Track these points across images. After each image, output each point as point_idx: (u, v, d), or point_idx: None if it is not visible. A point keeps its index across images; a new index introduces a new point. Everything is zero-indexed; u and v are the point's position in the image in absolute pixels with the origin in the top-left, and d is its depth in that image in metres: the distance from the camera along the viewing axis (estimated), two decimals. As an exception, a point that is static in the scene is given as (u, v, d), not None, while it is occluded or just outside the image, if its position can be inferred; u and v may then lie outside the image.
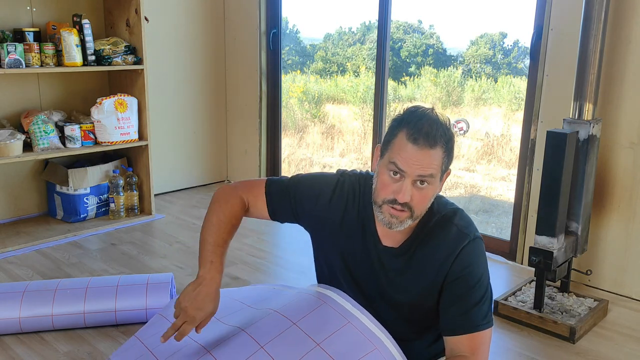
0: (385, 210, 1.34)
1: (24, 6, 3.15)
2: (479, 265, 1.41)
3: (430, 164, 1.30)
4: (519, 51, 7.63)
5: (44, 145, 3.02)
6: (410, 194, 1.30)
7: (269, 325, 1.44)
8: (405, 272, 1.44)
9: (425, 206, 1.36)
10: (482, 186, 5.50)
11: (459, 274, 1.39)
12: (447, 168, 1.37)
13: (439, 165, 1.32)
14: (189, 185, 4.14)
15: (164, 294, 2.23)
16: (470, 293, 1.39)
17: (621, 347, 2.17)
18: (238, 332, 1.46)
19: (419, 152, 1.29)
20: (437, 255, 1.40)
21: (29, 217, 3.36)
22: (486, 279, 1.42)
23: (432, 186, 1.33)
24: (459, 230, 1.40)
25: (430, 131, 1.30)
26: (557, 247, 2.27)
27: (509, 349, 2.16)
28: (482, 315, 1.39)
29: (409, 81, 7.72)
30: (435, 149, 1.30)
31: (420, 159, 1.29)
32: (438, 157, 1.31)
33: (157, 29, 3.64)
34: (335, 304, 1.46)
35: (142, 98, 3.31)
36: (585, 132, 2.32)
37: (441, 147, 1.31)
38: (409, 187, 1.30)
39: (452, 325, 1.40)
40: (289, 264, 2.89)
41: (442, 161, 1.32)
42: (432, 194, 1.35)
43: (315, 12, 8.51)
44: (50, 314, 2.11)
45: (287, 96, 7.39)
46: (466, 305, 1.39)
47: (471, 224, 1.44)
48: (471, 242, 1.40)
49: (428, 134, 1.29)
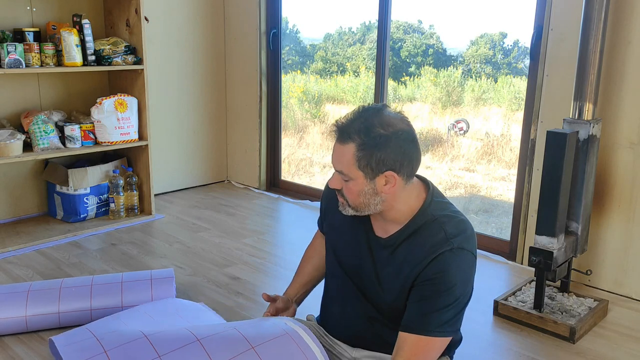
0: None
1: (24, 6, 3.15)
2: (455, 274, 1.35)
3: (339, 159, 1.36)
4: (519, 51, 7.63)
5: (44, 145, 3.02)
6: (337, 183, 1.40)
7: (223, 340, 1.48)
8: (387, 265, 1.45)
9: (357, 199, 1.39)
10: (482, 186, 5.50)
11: (431, 277, 1.35)
12: (378, 169, 1.33)
13: (350, 162, 1.33)
14: (189, 185, 4.14)
15: (169, 287, 2.26)
16: (436, 297, 1.35)
17: (621, 347, 2.17)
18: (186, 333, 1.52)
19: (335, 146, 1.38)
20: (416, 254, 1.38)
21: (29, 217, 3.36)
22: (459, 290, 1.36)
23: (355, 182, 1.36)
24: (445, 236, 1.37)
25: (344, 127, 1.34)
26: (557, 247, 2.27)
27: (509, 349, 2.16)
28: (439, 323, 1.35)
29: (409, 81, 7.72)
30: (345, 145, 1.34)
31: (334, 153, 1.38)
32: (348, 154, 1.33)
33: (157, 29, 3.64)
34: (300, 340, 1.47)
35: (142, 98, 3.31)
36: (585, 132, 2.32)
37: (354, 144, 1.32)
38: (335, 176, 1.40)
39: (407, 321, 1.38)
40: (289, 264, 2.89)
41: (354, 158, 1.33)
42: (359, 190, 1.36)
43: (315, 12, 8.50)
44: (57, 311, 2.13)
45: (287, 96, 7.39)
46: (427, 307, 1.36)
47: (462, 235, 1.38)
48: (453, 250, 1.35)
49: (341, 130, 1.35)
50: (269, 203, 3.87)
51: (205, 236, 3.22)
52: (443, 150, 6.39)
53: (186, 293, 2.48)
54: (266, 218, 3.59)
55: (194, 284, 2.60)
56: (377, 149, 1.32)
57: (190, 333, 1.52)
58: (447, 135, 6.68)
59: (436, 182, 5.58)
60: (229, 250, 3.03)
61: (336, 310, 1.61)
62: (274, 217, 3.65)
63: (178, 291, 2.45)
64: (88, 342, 1.58)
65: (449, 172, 5.86)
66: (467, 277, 1.39)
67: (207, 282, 2.63)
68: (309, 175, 5.83)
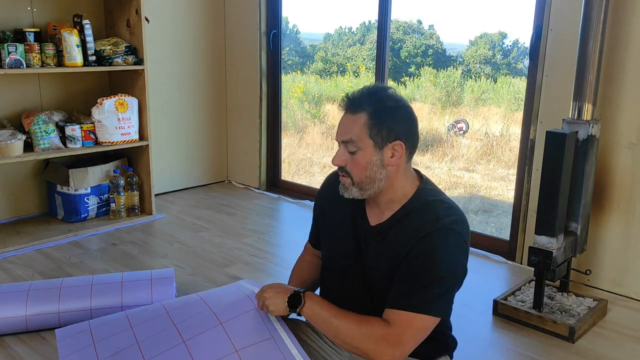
0: (339, 179, 1.46)
1: (25, 6, 3.16)
2: (442, 253, 1.36)
3: (350, 128, 1.38)
4: (519, 51, 7.64)
5: (45, 146, 3.03)
6: (342, 159, 1.41)
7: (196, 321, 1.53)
8: (381, 251, 1.45)
9: (363, 173, 1.40)
10: (481, 186, 5.50)
11: (418, 254, 1.36)
12: (387, 138, 1.37)
13: (362, 131, 1.37)
14: (190, 185, 4.15)
15: (169, 287, 2.26)
16: (422, 274, 1.35)
17: (620, 347, 2.18)
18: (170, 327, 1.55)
19: (343, 118, 1.41)
20: (406, 234, 1.39)
21: (30, 217, 3.37)
22: (446, 269, 1.36)
23: (363, 152, 1.38)
24: (435, 217, 1.38)
25: (356, 98, 1.39)
26: (557, 247, 2.28)
27: (508, 349, 2.17)
28: (425, 300, 1.34)
29: (408, 81, 7.72)
30: (358, 114, 1.37)
31: (343, 124, 1.40)
32: (360, 122, 1.37)
33: (157, 29, 3.65)
34: (263, 313, 1.50)
35: (142, 98, 3.31)
36: (584, 132, 2.33)
37: (365, 112, 1.37)
38: (340, 152, 1.41)
39: (392, 298, 1.38)
40: (289, 264, 2.88)
41: (365, 127, 1.37)
42: (367, 161, 1.38)
43: (315, 13, 8.51)
44: (57, 311, 2.13)
45: (287, 96, 7.39)
46: (413, 284, 1.35)
47: (453, 217, 1.39)
48: (442, 230, 1.36)
49: (352, 101, 1.39)
50: (269, 203, 3.88)
51: (205, 236, 3.22)
52: (443, 151, 6.40)
53: (186, 293, 2.48)
54: (266, 218, 3.59)
55: (194, 283, 2.60)
56: (388, 117, 1.38)
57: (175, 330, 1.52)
58: (447, 136, 6.69)
59: (436, 182, 5.58)
60: (229, 250, 3.03)
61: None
62: (274, 217, 3.66)
63: (178, 291, 2.45)
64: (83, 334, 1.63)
65: (449, 172, 5.86)
66: (456, 258, 1.39)
67: (207, 281, 2.64)
68: (309, 175, 5.84)
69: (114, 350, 1.53)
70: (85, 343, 1.60)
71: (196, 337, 1.48)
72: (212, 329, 1.49)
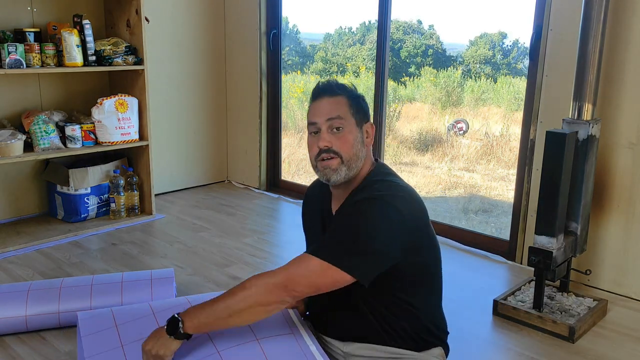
0: (319, 166, 1.48)
1: (25, 6, 3.16)
2: (361, 215, 1.38)
3: (335, 107, 1.46)
4: (519, 51, 7.64)
5: (45, 146, 3.03)
6: (329, 140, 1.45)
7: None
8: None
9: (352, 150, 1.46)
10: (481, 186, 5.50)
11: (343, 212, 1.45)
12: (363, 118, 1.51)
13: (346, 109, 1.47)
14: (190, 185, 4.15)
15: (169, 287, 2.27)
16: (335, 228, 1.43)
17: (620, 347, 2.18)
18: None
19: (322, 102, 1.48)
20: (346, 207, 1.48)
21: (30, 217, 3.37)
22: (366, 233, 1.36)
23: (348, 129, 1.46)
24: (372, 190, 1.44)
25: (327, 85, 1.51)
26: (557, 247, 2.28)
27: (508, 349, 2.17)
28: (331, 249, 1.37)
29: (408, 81, 7.72)
30: (336, 97, 1.48)
31: (325, 106, 1.47)
32: (341, 102, 1.48)
33: (157, 29, 3.65)
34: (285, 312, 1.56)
35: (142, 98, 3.31)
36: (584, 132, 2.33)
37: (342, 95, 1.48)
38: (325, 134, 1.46)
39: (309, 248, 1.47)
40: (289, 264, 2.89)
41: (348, 106, 1.47)
42: (353, 138, 1.46)
43: (315, 13, 8.52)
44: (57, 311, 2.13)
45: (287, 96, 7.39)
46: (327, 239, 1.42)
47: (388, 191, 1.42)
48: (371, 198, 1.40)
49: (325, 87, 1.50)
50: (269, 203, 3.88)
51: (205, 236, 3.22)
52: (443, 150, 6.40)
53: (186, 293, 2.48)
54: (266, 218, 3.59)
55: (194, 283, 2.60)
56: (360, 100, 1.52)
57: None
58: (447, 136, 6.69)
59: (436, 182, 5.59)
60: (229, 250, 3.03)
61: (318, 307, 1.63)
62: (274, 217, 3.66)
63: (178, 291, 2.45)
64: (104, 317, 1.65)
65: (449, 172, 5.86)
66: (379, 223, 1.38)
67: (207, 282, 2.64)
68: (309, 175, 5.83)
69: (137, 336, 1.52)
70: (108, 325, 1.60)
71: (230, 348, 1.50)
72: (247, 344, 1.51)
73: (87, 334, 1.58)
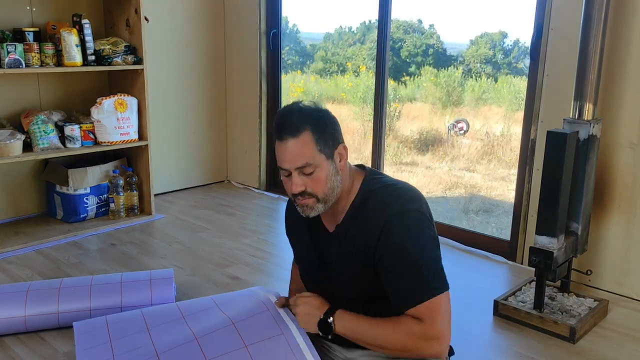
0: (297, 204, 1.44)
1: (24, 6, 3.15)
2: (409, 239, 1.36)
3: (301, 152, 1.37)
4: (519, 51, 7.62)
5: (44, 145, 3.02)
6: (302, 184, 1.39)
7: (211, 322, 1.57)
8: (345, 253, 1.46)
9: (326, 187, 1.40)
10: (482, 186, 5.50)
11: (386, 250, 1.37)
12: (334, 146, 1.40)
13: (313, 150, 1.37)
14: (189, 185, 4.14)
15: (168, 287, 2.26)
16: (405, 268, 1.36)
17: (621, 347, 2.17)
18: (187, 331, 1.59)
19: (287, 145, 1.37)
20: (364, 231, 1.41)
21: (29, 217, 3.36)
22: (420, 249, 1.36)
23: (321, 168, 1.38)
24: (382, 204, 1.40)
25: (287, 123, 1.37)
26: (557, 247, 2.27)
27: (509, 349, 2.16)
28: (424, 286, 1.35)
29: (409, 81, 7.71)
30: (299, 136, 1.36)
31: (290, 152, 1.38)
32: (306, 141, 1.37)
33: (157, 29, 3.64)
34: (277, 314, 1.55)
35: (142, 98, 3.30)
36: (585, 132, 2.32)
37: (307, 131, 1.36)
38: (297, 178, 1.39)
39: (394, 302, 1.39)
40: (289, 265, 2.88)
41: (314, 143, 1.37)
42: (326, 174, 1.40)
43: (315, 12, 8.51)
44: (57, 311, 2.12)
45: (287, 96, 7.38)
46: (404, 280, 1.37)
47: (400, 199, 1.40)
48: (394, 216, 1.37)
49: (286, 127, 1.37)
50: (269, 203, 3.87)
51: (205, 236, 3.22)
52: (443, 150, 6.39)
53: (186, 293, 2.48)
54: (266, 218, 3.58)
55: (194, 284, 2.60)
56: (326, 126, 1.40)
57: (189, 331, 1.56)
58: (447, 135, 6.68)
59: (436, 182, 5.59)
60: (229, 250, 3.03)
61: None
62: (274, 217, 3.65)
63: (178, 291, 2.44)
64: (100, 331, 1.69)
65: (449, 172, 5.86)
66: (418, 234, 1.38)
67: (207, 282, 2.63)
68: (309, 175, 5.82)
69: (130, 348, 1.57)
70: (102, 340, 1.65)
71: (210, 334, 1.52)
72: (224, 328, 1.52)
73: (83, 349, 1.64)
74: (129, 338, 1.63)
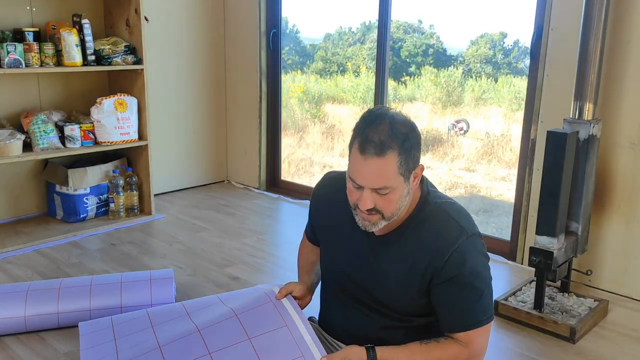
0: (357, 213, 1.38)
1: (24, 6, 3.15)
2: (476, 262, 1.38)
3: (383, 174, 1.29)
4: (519, 51, 7.62)
5: (44, 145, 3.02)
6: (373, 201, 1.32)
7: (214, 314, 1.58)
8: (396, 260, 1.44)
9: (395, 207, 1.35)
10: (482, 186, 5.49)
11: (455, 272, 1.36)
12: (412, 167, 1.34)
13: (394, 172, 1.30)
14: (189, 185, 4.14)
15: (168, 288, 2.26)
16: (467, 292, 1.37)
17: (621, 347, 2.17)
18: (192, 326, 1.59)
19: (370, 164, 1.29)
20: (430, 244, 1.38)
21: (29, 217, 3.36)
22: (484, 275, 1.40)
23: (395, 190, 1.32)
24: (457, 224, 1.38)
25: (378, 140, 1.28)
26: (558, 247, 2.27)
27: (509, 349, 2.16)
28: (480, 312, 1.39)
29: (409, 81, 7.71)
30: (386, 157, 1.28)
31: (372, 172, 1.29)
32: (391, 164, 1.29)
33: (157, 29, 3.64)
34: (280, 305, 1.53)
35: (141, 98, 3.30)
36: (585, 132, 2.32)
37: (394, 152, 1.29)
38: (368, 196, 1.32)
39: (449, 324, 1.41)
40: (289, 264, 2.89)
41: (397, 166, 1.30)
42: (399, 196, 1.34)
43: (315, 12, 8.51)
44: (56, 311, 2.12)
45: (287, 96, 7.38)
46: (463, 305, 1.38)
47: (469, 219, 1.42)
48: (469, 239, 1.37)
49: (376, 144, 1.28)
50: (268, 203, 3.87)
51: (205, 236, 3.22)
52: (443, 150, 6.39)
53: (186, 293, 2.48)
54: (266, 218, 3.58)
55: (194, 284, 2.60)
56: (411, 148, 1.32)
57: (192, 324, 1.56)
58: (447, 135, 6.67)
59: (436, 182, 5.58)
60: (228, 250, 3.03)
61: (338, 316, 1.59)
62: (274, 217, 3.65)
63: (178, 291, 2.44)
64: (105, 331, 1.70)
65: (449, 172, 5.85)
66: (484, 258, 1.42)
67: (207, 282, 2.63)
68: (309, 175, 5.83)
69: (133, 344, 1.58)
70: (107, 339, 1.66)
71: (212, 326, 1.52)
72: (226, 320, 1.52)
73: (87, 347, 1.64)
74: (133, 335, 1.64)
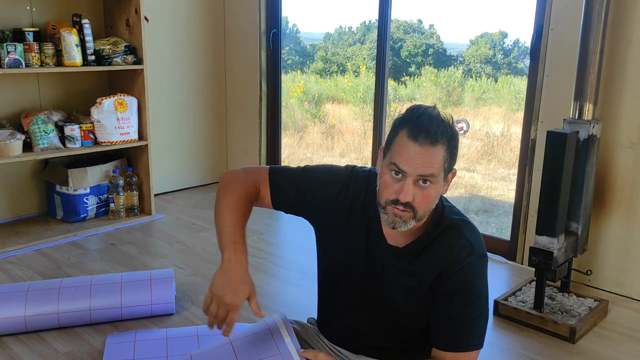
0: (389, 210, 1.31)
1: (24, 6, 3.15)
2: (480, 283, 1.36)
3: (432, 162, 1.26)
4: (519, 51, 7.62)
5: (44, 145, 3.02)
6: (413, 194, 1.27)
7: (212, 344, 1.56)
8: (406, 273, 1.41)
9: (429, 207, 1.32)
10: (482, 186, 5.49)
11: (459, 288, 1.34)
12: (451, 168, 1.32)
13: (441, 164, 1.28)
14: (189, 185, 4.14)
15: (169, 288, 2.26)
16: (465, 310, 1.35)
17: (621, 347, 2.17)
18: None
19: (420, 150, 1.26)
20: (440, 261, 1.36)
21: (29, 217, 3.36)
22: (484, 298, 1.37)
23: (435, 185, 1.29)
24: (469, 243, 1.36)
25: (431, 128, 1.26)
26: (557, 247, 2.27)
27: (509, 349, 2.16)
28: (472, 336, 1.35)
29: (409, 81, 7.71)
30: (437, 146, 1.26)
31: (421, 157, 1.26)
32: (440, 155, 1.27)
33: (157, 28, 3.64)
34: (275, 331, 1.47)
35: (142, 98, 3.30)
36: (585, 132, 2.32)
37: (443, 144, 1.27)
38: (410, 186, 1.27)
39: (440, 339, 1.38)
40: (289, 264, 2.89)
41: (444, 159, 1.28)
42: (436, 193, 1.31)
43: (315, 12, 8.51)
44: (56, 311, 2.12)
45: (287, 96, 7.38)
46: (459, 322, 1.35)
47: (481, 241, 1.39)
48: (478, 259, 1.35)
49: (429, 131, 1.25)
50: (269, 203, 3.86)
51: (205, 236, 3.22)
52: (443, 150, 6.38)
53: (186, 293, 2.48)
54: (266, 218, 3.58)
55: (194, 284, 2.60)
56: (455, 147, 1.31)
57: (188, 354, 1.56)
58: (447, 135, 6.67)
59: (436, 182, 5.58)
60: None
61: (339, 321, 1.56)
62: (274, 217, 3.65)
63: (178, 291, 2.44)
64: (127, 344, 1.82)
65: (449, 172, 5.85)
66: (486, 282, 1.40)
67: (207, 282, 2.61)
68: (309, 175, 5.82)
69: None
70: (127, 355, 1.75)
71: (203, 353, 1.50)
72: (219, 348, 1.50)
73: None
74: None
